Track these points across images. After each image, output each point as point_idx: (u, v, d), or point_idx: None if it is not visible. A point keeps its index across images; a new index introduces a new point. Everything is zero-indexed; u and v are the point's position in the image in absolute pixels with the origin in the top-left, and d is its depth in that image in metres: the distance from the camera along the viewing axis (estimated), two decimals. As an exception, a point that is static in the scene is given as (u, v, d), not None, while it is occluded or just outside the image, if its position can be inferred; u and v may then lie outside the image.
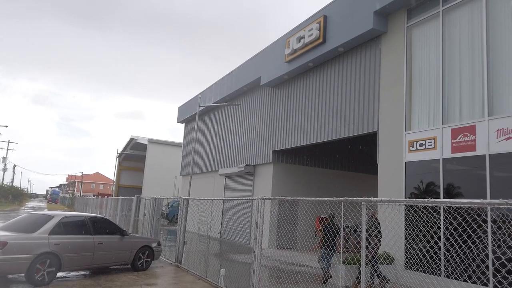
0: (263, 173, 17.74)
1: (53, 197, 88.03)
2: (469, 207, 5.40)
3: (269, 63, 16.89)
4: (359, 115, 12.18)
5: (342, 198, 5.40)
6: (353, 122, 12.41)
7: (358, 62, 12.58)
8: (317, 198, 6.03)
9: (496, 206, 3.56)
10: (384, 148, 10.97)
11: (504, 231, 5.91)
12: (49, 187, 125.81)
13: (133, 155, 43.73)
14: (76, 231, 8.69)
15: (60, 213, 9.08)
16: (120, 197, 20.35)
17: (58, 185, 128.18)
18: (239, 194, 19.45)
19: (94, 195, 51.58)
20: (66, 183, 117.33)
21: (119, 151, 44.14)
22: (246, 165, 18.52)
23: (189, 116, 26.58)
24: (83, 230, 8.83)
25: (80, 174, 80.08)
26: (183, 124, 29.71)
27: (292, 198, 6.80)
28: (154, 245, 10.52)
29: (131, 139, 41.42)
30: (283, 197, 7.12)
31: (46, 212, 9.59)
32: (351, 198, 5.22)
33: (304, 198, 6.37)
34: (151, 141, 38.44)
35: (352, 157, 19.04)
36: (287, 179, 17.40)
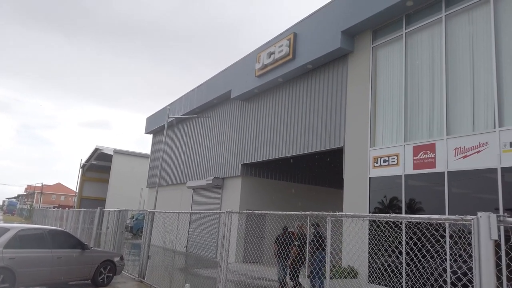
0: (232, 186, 17.69)
1: (9, 209, 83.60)
2: (428, 222, 5.63)
3: (240, 77, 17.04)
4: (326, 131, 12.47)
5: (308, 213, 5.48)
6: (320, 137, 12.68)
7: (326, 79, 12.93)
8: (284, 212, 6.09)
9: (452, 222, 3.74)
10: (349, 163, 11.25)
11: (460, 246, 6.20)
12: (6, 198, 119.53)
13: (98, 166, 42.44)
14: (33, 244, 8.28)
15: (17, 226, 8.64)
16: (82, 209, 19.61)
17: (16, 195, 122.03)
18: (207, 207, 19.25)
19: (54, 207, 49.36)
20: (25, 193, 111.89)
21: (82, 161, 42.71)
22: (214, 178, 18.41)
23: (158, 127, 26.21)
24: (41, 244, 8.43)
25: (40, 185, 76.63)
26: (151, 135, 29.23)
27: (260, 212, 6.82)
28: (116, 259, 10.18)
29: (96, 149, 40.25)
30: (250, 211, 7.13)
31: (1, 224, 9.10)
32: (316, 213, 5.31)
33: (272, 212, 6.40)
34: (117, 151, 37.50)
35: (320, 172, 19.36)
36: (256, 193, 17.43)
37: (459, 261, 6.05)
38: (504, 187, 7.55)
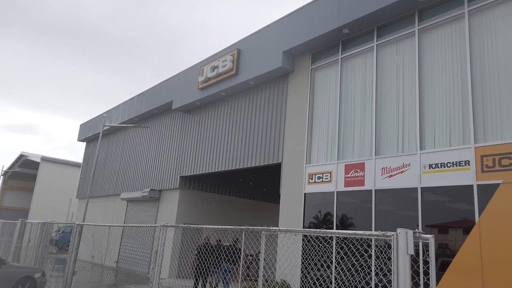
0: (169, 199, 17.28)
1: None
2: (354, 237, 6.00)
3: (182, 88, 16.89)
4: (266, 147, 12.75)
5: (243, 227, 5.55)
6: (260, 152, 12.93)
7: (267, 96, 13.29)
8: (220, 227, 6.10)
9: (375, 237, 4.03)
10: (286, 179, 11.59)
11: (381, 260, 6.65)
12: None
13: (22, 174, 39.11)
14: None
15: None
16: (0, 220, 17.91)
17: None
18: (141, 221, 18.56)
19: (-34, 218, 44.43)
20: None
21: (4, 168, 39.14)
22: (151, 189, 17.87)
23: (92, 134, 24.94)
24: None
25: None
26: (84, 143, 27.71)
27: (196, 225, 6.77)
28: (37, 275, 9.43)
29: (21, 156, 37.15)
30: (186, 225, 7.04)
31: None
32: (252, 227, 5.40)
33: (208, 226, 6.38)
34: (45, 159, 34.95)
35: (259, 186, 19.63)
36: (194, 206, 17.18)
37: (380, 275, 6.48)
38: (423, 205, 8.25)
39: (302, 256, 9.44)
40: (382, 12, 9.67)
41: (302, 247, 9.38)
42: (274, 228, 5.10)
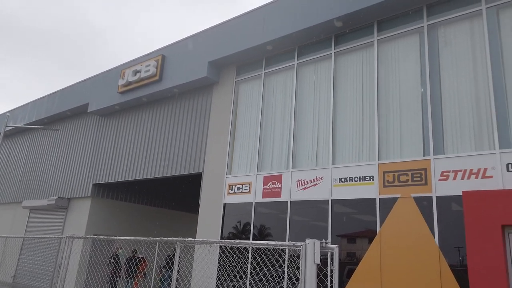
0: (79, 208, 16.08)
1: None
2: (266, 248, 6.21)
3: (100, 91, 15.98)
4: (187, 156, 12.59)
5: (157, 238, 5.41)
6: (181, 162, 12.72)
7: (191, 105, 13.18)
8: (133, 238, 5.87)
9: (286, 247, 4.20)
10: (206, 189, 11.55)
11: (291, 269, 6.96)
12: None
13: None
14: None
15: None
16: None
17: None
18: (46, 231, 16.96)
19: None
20: None
21: None
22: (58, 197, 16.48)
23: (-8, 135, 22.32)
24: None
25: None
26: (-18, 143, 24.67)
27: (107, 237, 6.41)
28: None
29: None
30: (96, 236, 6.63)
31: None
32: (166, 238, 5.28)
33: (120, 237, 6.09)
34: None
35: (178, 196, 19.22)
36: (107, 216, 16.21)
37: (289, 284, 6.76)
38: (333, 216, 8.81)
39: (218, 267, 9.44)
40: (302, 34, 10.24)
41: (219, 258, 9.38)
42: (189, 239, 5.06)
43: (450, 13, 8.44)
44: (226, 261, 8.77)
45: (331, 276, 4.02)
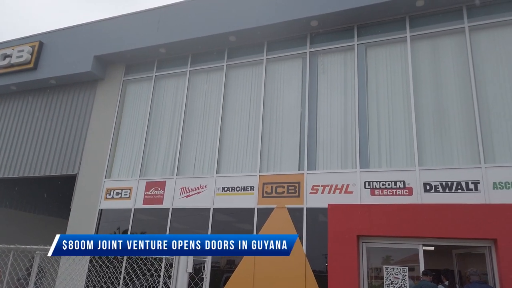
0: None
1: None
2: (143, 257, 6.03)
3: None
4: (60, 155, 11.46)
5: (13, 246, 4.81)
6: (52, 161, 11.51)
7: (70, 100, 12.07)
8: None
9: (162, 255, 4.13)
10: (80, 192, 10.66)
11: (163, 279, 6.89)
12: None
13: None
14: None
15: None
16: None
17: None
18: None
19: None
20: None
21: None
22: None
23: None
24: None
25: None
26: None
27: None
28: None
29: None
30: None
31: None
32: (23, 246, 4.73)
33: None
34: None
35: (48, 199, 17.23)
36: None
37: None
38: (213, 224, 8.96)
39: (87, 277, 8.75)
40: (197, 42, 10.29)
41: (89, 268, 8.70)
42: (49, 247, 4.60)
43: (327, 44, 9.43)
44: (100, 271, 8.20)
45: (201, 284, 4.10)
